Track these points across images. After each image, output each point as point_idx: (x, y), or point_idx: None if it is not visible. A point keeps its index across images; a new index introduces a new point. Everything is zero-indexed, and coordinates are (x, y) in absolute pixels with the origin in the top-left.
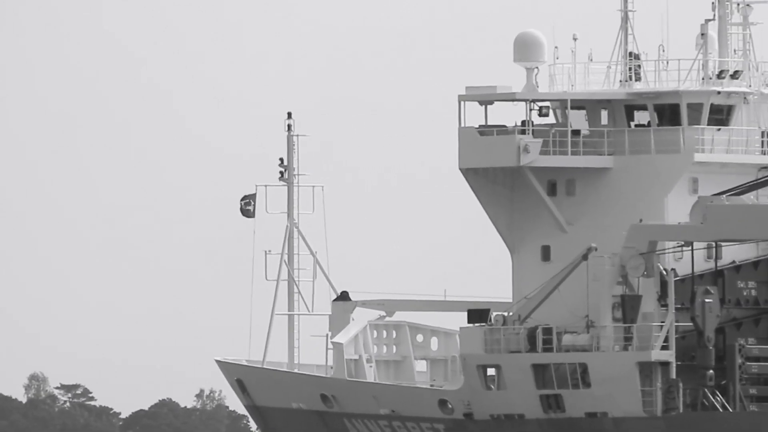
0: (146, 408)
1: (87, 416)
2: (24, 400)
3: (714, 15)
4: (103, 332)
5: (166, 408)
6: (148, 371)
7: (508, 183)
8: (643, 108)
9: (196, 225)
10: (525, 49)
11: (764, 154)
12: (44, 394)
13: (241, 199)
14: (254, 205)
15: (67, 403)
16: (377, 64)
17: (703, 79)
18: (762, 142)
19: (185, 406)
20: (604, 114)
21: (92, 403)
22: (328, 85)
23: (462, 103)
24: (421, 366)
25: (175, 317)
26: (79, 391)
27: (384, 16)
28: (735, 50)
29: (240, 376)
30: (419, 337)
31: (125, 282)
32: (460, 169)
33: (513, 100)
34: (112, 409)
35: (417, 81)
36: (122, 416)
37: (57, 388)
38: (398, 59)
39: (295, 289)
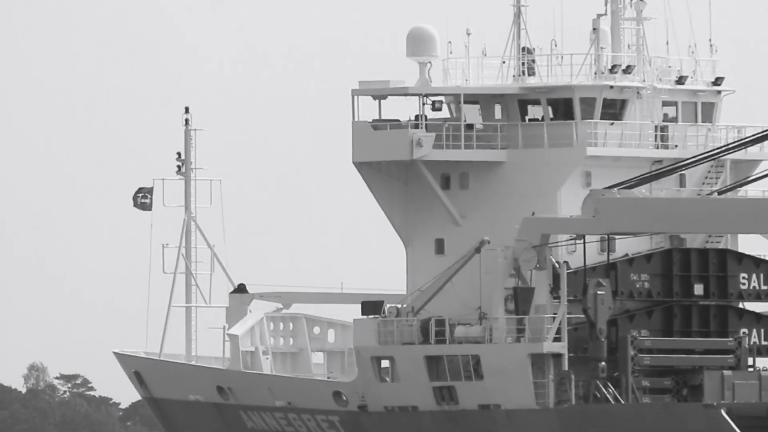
0: None
1: (87, 406)
2: (23, 390)
3: (606, 10)
4: (102, 323)
5: None
6: None
7: (401, 177)
8: (537, 102)
9: (94, 216)
10: (417, 43)
11: (657, 148)
12: (43, 384)
13: (136, 192)
14: (151, 199)
15: (67, 394)
16: (272, 59)
17: (595, 73)
18: (655, 136)
19: None
20: (497, 108)
21: (92, 393)
22: (224, 79)
23: (355, 97)
24: (318, 358)
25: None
26: (78, 381)
27: (278, 10)
28: (629, 45)
29: (137, 368)
30: (316, 330)
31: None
32: (354, 162)
33: (406, 95)
34: (111, 399)
35: (311, 75)
36: (122, 406)
37: (56, 378)
38: (292, 54)
39: (193, 282)
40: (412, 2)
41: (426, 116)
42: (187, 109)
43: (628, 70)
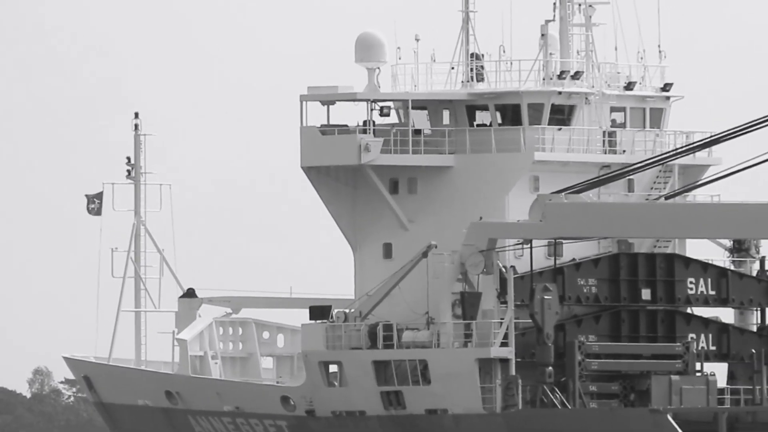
0: None
1: (91, 411)
2: (28, 394)
3: (555, 16)
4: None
5: None
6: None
7: (350, 181)
8: (485, 108)
9: (42, 220)
10: (366, 49)
11: (605, 153)
12: (48, 388)
13: (88, 199)
14: (101, 203)
15: (72, 398)
16: (220, 63)
17: (543, 79)
18: (603, 141)
19: None
20: (445, 114)
21: None
22: (174, 84)
23: (304, 102)
24: (267, 363)
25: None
26: None
27: (227, 15)
28: (578, 51)
29: (87, 373)
30: (265, 334)
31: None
32: (302, 167)
33: (354, 100)
34: None
35: (260, 80)
36: None
37: (61, 382)
38: (241, 58)
39: (142, 286)
40: (360, 8)
41: (374, 121)
42: (136, 114)
43: (576, 75)
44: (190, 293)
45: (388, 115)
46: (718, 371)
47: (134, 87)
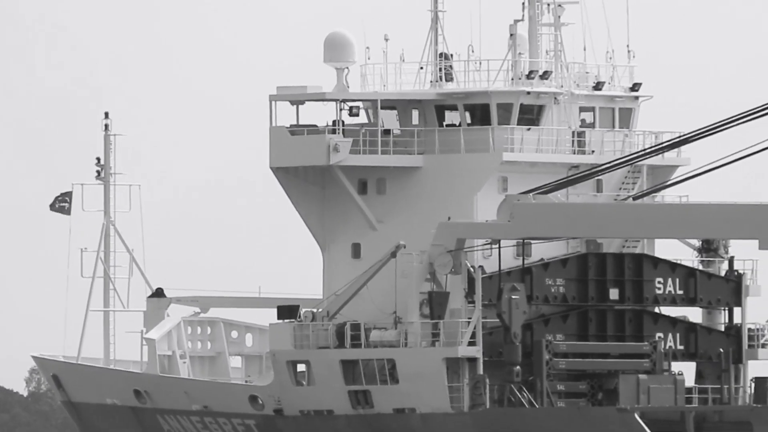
0: None
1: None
2: (25, 393)
3: (523, 15)
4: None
5: None
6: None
7: (319, 182)
8: (454, 108)
9: (12, 220)
10: (335, 49)
11: (574, 153)
12: (45, 387)
13: (56, 198)
14: (70, 203)
15: None
16: (189, 63)
17: (512, 79)
18: (572, 141)
19: None
20: (415, 114)
21: None
22: (143, 84)
23: (273, 102)
24: (236, 362)
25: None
26: None
27: (196, 14)
28: (546, 51)
29: (55, 372)
30: (234, 334)
31: None
32: (271, 167)
33: (323, 100)
34: None
35: (229, 80)
36: None
37: None
38: (210, 58)
39: (111, 286)
40: (329, 8)
41: (343, 121)
42: (106, 114)
43: (545, 75)
44: (158, 293)
45: (357, 115)
46: (686, 370)
47: (104, 87)
